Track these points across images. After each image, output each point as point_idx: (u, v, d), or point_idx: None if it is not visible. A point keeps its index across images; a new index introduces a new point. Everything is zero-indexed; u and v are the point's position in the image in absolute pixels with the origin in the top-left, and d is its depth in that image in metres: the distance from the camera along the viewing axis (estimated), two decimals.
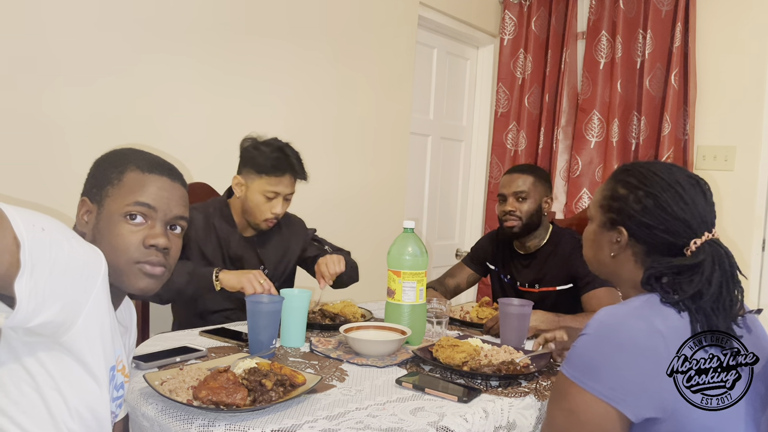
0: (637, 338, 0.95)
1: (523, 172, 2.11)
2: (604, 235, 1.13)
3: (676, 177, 1.07)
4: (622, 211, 1.09)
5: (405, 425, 1.08)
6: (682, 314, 0.98)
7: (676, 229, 1.04)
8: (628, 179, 1.11)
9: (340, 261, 1.87)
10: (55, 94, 1.87)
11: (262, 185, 1.83)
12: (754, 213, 2.94)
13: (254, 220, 1.88)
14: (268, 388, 1.11)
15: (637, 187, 1.09)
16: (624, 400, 0.94)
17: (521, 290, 2.12)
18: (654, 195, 1.06)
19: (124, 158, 1.05)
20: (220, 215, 1.91)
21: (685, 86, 3.05)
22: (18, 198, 1.77)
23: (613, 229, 1.11)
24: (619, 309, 1.01)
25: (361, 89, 2.89)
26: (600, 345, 0.97)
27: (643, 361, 0.94)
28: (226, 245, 1.90)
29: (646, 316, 0.97)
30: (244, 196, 1.87)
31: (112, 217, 1.00)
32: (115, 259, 0.98)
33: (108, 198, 1.01)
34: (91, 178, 1.06)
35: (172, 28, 2.14)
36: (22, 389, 0.89)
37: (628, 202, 1.09)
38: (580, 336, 1.01)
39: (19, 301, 0.74)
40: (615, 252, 1.11)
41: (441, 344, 1.43)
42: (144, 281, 1.01)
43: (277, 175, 1.83)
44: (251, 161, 1.85)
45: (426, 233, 3.53)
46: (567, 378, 0.99)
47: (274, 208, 1.85)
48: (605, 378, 0.95)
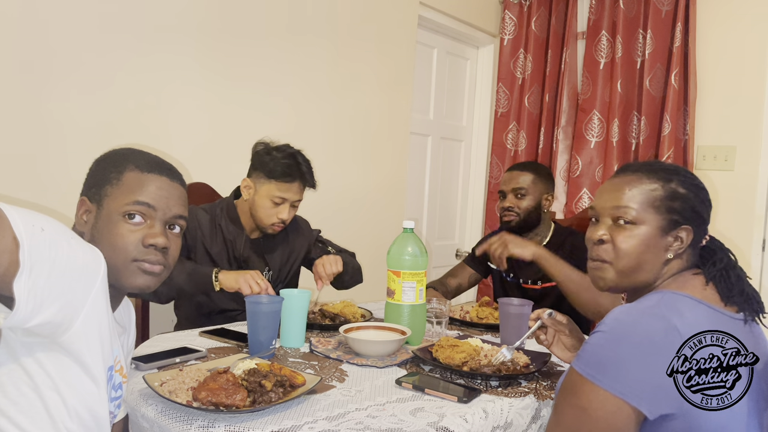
0: (654, 336, 0.95)
1: (524, 169, 2.12)
2: (662, 239, 1.08)
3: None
4: (686, 209, 1.08)
5: (405, 426, 1.08)
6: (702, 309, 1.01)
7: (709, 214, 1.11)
8: (680, 177, 1.11)
9: (338, 261, 1.87)
10: (55, 95, 1.87)
11: (270, 190, 1.84)
12: (754, 213, 2.94)
13: (261, 223, 1.88)
14: (267, 389, 1.11)
15: (692, 183, 1.11)
16: (640, 397, 0.94)
17: (524, 287, 2.12)
18: (704, 189, 1.12)
19: (123, 158, 1.05)
20: (227, 216, 1.92)
21: (685, 86, 3.05)
22: (18, 198, 1.77)
23: (673, 230, 1.08)
24: (635, 307, 1.01)
25: (362, 89, 2.89)
26: (616, 342, 0.97)
27: (660, 358, 0.94)
28: (232, 246, 1.90)
29: (662, 314, 0.98)
30: (252, 200, 1.87)
31: (111, 217, 1.00)
32: (114, 258, 0.98)
33: (107, 197, 1.02)
34: (90, 178, 1.06)
35: (173, 29, 2.14)
36: (20, 389, 0.89)
37: (691, 200, 1.09)
38: (594, 333, 1.01)
39: (17, 301, 0.74)
40: (674, 254, 1.08)
41: (441, 344, 1.43)
42: (142, 278, 1.02)
43: (287, 181, 1.84)
44: (262, 165, 1.86)
45: (426, 233, 3.53)
46: (580, 374, 0.98)
47: (281, 213, 1.86)
48: (622, 375, 0.95)
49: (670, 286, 1.07)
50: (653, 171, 1.11)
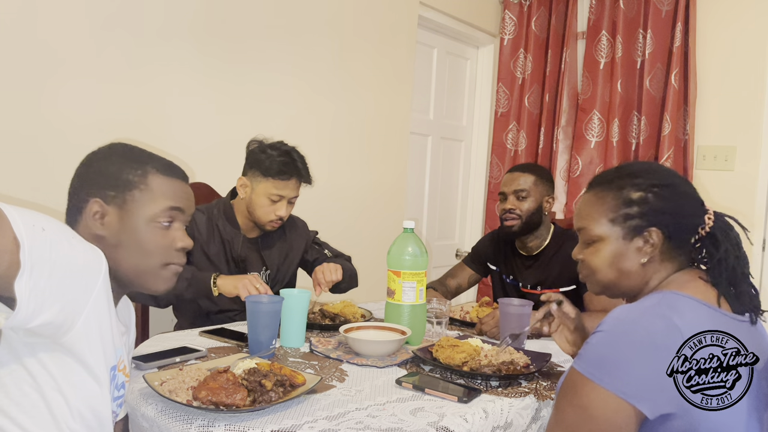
0: (655, 335, 0.95)
1: (525, 170, 2.11)
2: (628, 246, 1.09)
3: (664, 167, 1.14)
4: (646, 212, 1.08)
5: (405, 425, 1.08)
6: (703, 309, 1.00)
7: (695, 209, 1.09)
8: (633, 181, 1.10)
9: (338, 270, 1.88)
10: (56, 94, 1.87)
11: (267, 188, 1.84)
12: (754, 213, 2.94)
13: (259, 221, 1.89)
14: (267, 389, 1.11)
15: (650, 184, 1.09)
16: (641, 397, 0.93)
17: (524, 291, 2.12)
18: (669, 185, 1.09)
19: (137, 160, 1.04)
20: (224, 217, 1.92)
21: (685, 86, 3.05)
22: (18, 198, 1.77)
23: (639, 234, 1.09)
24: (636, 307, 1.01)
25: (362, 89, 2.89)
26: (617, 342, 0.97)
27: (661, 357, 0.94)
28: (230, 247, 1.90)
29: (663, 313, 0.98)
30: (249, 198, 1.88)
31: (140, 222, 1.00)
32: (144, 263, 0.99)
33: (134, 202, 1.00)
34: (100, 178, 1.01)
35: (174, 28, 2.14)
36: (23, 390, 0.89)
37: (649, 202, 1.08)
38: (595, 332, 1.00)
39: (19, 302, 0.74)
40: (647, 256, 1.09)
41: (441, 344, 1.43)
42: (170, 282, 1.04)
43: (284, 178, 1.84)
44: (258, 164, 1.86)
45: (426, 233, 3.53)
46: (580, 374, 0.98)
47: (278, 210, 1.86)
48: (622, 374, 0.95)
49: (670, 286, 1.07)
50: (606, 182, 1.13)
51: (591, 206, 1.13)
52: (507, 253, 2.20)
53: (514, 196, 2.07)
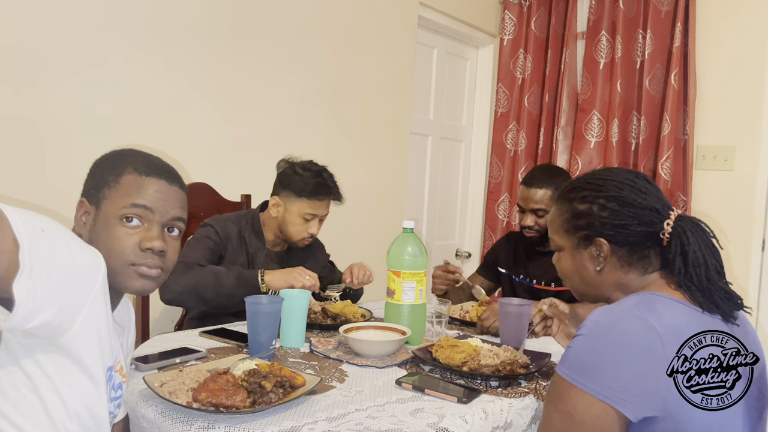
0: (633, 337, 0.95)
1: (541, 185, 2.05)
2: (582, 255, 1.13)
3: (620, 175, 1.13)
4: (592, 223, 1.10)
5: (405, 426, 1.08)
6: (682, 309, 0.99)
7: (648, 218, 1.08)
8: (581, 194, 1.13)
9: (370, 276, 1.96)
10: (55, 95, 1.87)
11: (302, 208, 1.90)
12: (754, 213, 2.94)
13: (291, 239, 1.95)
14: (267, 390, 1.11)
15: (595, 196, 1.11)
16: (623, 400, 0.94)
17: (536, 288, 2.12)
18: (614, 196, 1.10)
19: (122, 160, 1.05)
20: (251, 229, 1.96)
21: (685, 86, 3.05)
22: (18, 198, 1.77)
23: (589, 245, 1.12)
24: (614, 309, 1.02)
25: (361, 89, 2.89)
26: (596, 345, 0.97)
27: (640, 359, 0.94)
28: (253, 259, 1.94)
29: (641, 315, 0.98)
30: (282, 217, 1.93)
31: (108, 219, 1.00)
32: (111, 261, 0.97)
33: (105, 200, 1.02)
34: (90, 179, 1.06)
35: (172, 29, 2.14)
36: (20, 391, 0.89)
37: (594, 214, 1.10)
38: (575, 336, 1.01)
39: (17, 303, 0.74)
40: (600, 265, 1.11)
41: (441, 344, 1.43)
42: (139, 282, 1.02)
43: (319, 199, 1.91)
44: (291, 184, 1.91)
45: (426, 233, 3.53)
46: (563, 379, 0.99)
47: (311, 228, 1.94)
48: (603, 378, 0.95)
49: (651, 287, 1.08)
50: (564, 194, 1.17)
51: (552, 217, 1.20)
52: (522, 252, 2.20)
53: (533, 214, 2.06)
